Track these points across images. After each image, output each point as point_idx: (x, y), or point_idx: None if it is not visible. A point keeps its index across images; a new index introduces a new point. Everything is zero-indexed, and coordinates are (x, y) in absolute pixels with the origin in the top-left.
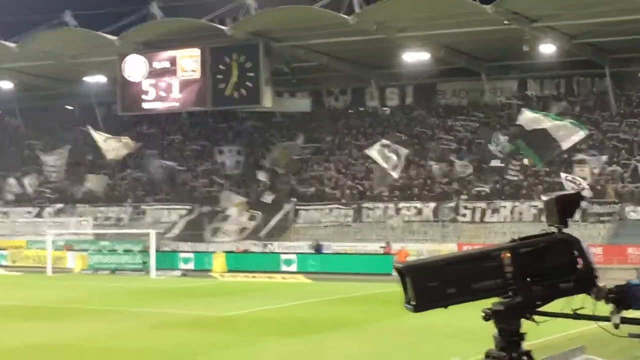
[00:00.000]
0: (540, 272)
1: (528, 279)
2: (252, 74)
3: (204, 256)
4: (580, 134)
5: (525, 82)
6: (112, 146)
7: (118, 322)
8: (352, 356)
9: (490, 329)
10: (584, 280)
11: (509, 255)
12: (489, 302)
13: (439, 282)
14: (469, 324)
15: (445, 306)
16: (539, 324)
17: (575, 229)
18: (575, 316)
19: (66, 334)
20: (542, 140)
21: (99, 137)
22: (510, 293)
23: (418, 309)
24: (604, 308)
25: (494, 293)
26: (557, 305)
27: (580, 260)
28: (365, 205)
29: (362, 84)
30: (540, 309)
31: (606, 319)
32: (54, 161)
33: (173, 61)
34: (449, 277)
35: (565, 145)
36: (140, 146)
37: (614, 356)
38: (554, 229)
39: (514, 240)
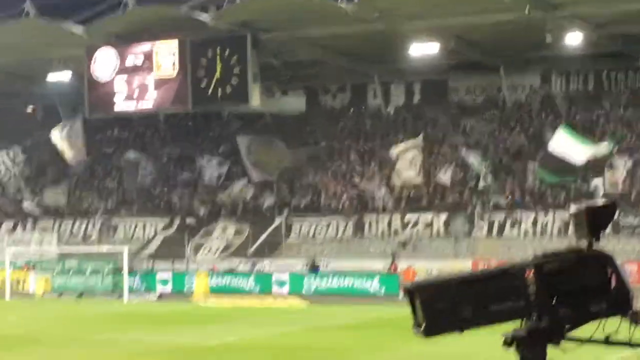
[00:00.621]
0: (568, 293)
1: (554, 300)
2: (238, 70)
3: (184, 277)
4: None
5: (549, 77)
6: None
7: (86, 352)
8: None
9: (512, 357)
10: (618, 301)
11: (532, 273)
12: (509, 327)
13: (452, 303)
14: (487, 352)
15: (460, 331)
16: (566, 352)
17: (606, 243)
18: (609, 342)
19: None
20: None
21: (56, 135)
22: (534, 316)
23: (428, 333)
24: None
25: (515, 316)
26: (588, 330)
27: (613, 280)
28: (368, 217)
29: (363, 81)
30: (569, 334)
31: None
32: (11, 169)
33: (148, 56)
34: (464, 297)
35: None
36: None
37: None
38: (583, 244)
39: (537, 256)
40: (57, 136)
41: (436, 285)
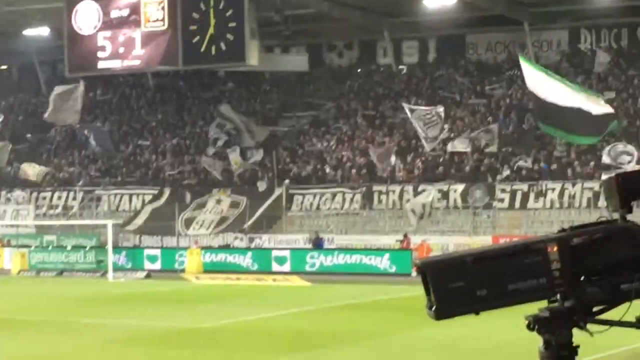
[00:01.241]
0: (596, 270)
1: (581, 278)
2: (234, 24)
3: (174, 253)
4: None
5: (578, 32)
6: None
7: (68, 337)
8: None
9: (536, 341)
10: None
11: (556, 248)
12: (533, 308)
13: (466, 282)
14: (507, 336)
15: (476, 312)
16: (593, 335)
17: None
18: (638, 325)
19: (2, 352)
20: (569, 114)
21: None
22: (558, 296)
23: (440, 315)
24: None
25: (537, 295)
26: (618, 311)
27: None
28: (377, 188)
29: (373, 37)
30: (598, 316)
31: None
32: None
33: (135, 8)
34: (479, 276)
35: (599, 111)
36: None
37: None
38: (615, 216)
39: (563, 230)
40: (57, 97)
41: (448, 263)
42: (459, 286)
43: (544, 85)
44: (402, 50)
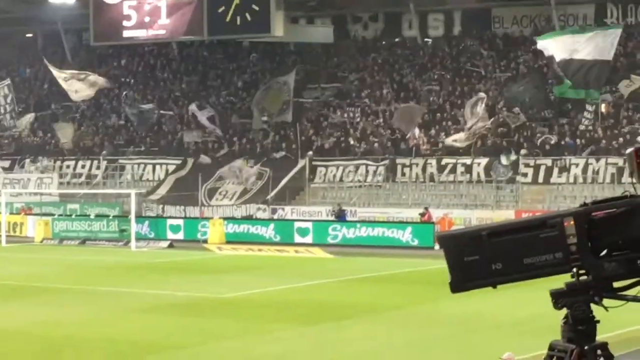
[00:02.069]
0: (614, 245)
1: (601, 253)
2: None
3: (197, 223)
4: (617, 32)
5: (605, 6)
6: (75, 87)
7: (89, 305)
8: (379, 349)
9: (555, 316)
10: None
11: (572, 222)
12: (557, 284)
13: (481, 256)
14: (527, 310)
15: (493, 286)
16: (608, 310)
17: None
18: None
19: (24, 318)
20: (582, 68)
21: (59, 74)
22: (574, 270)
23: (455, 288)
24: None
25: (553, 270)
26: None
27: None
28: (401, 161)
29: (398, 9)
30: (619, 292)
31: None
32: (9, 102)
33: None
34: (495, 250)
35: (610, 53)
36: (112, 85)
37: None
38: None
39: (585, 205)
40: (59, 76)
41: (463, 236)
42: (474, 260)
43: (568, 44)
44: (427, 23)
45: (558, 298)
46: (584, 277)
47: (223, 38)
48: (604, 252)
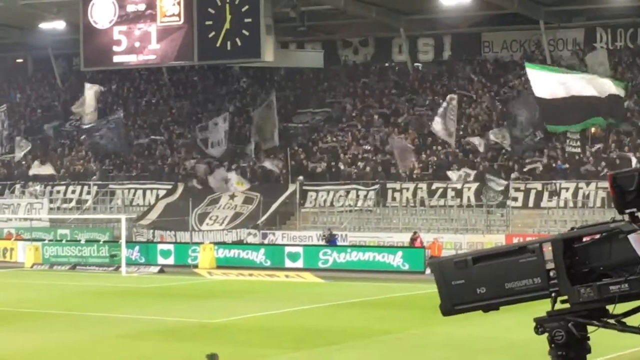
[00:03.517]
0: (595, 271)
1: (582, 279)
2: (249, 20)
3: (187, 248)
4: (617, 89)
5: (594, 30)
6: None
7: (78, 330)
8: None
9: (545, 341)
10: None
11: (550, 248)
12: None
13: (466, 280)
14: (519, 335)
15: (484, 309)
16: (579, 335)
17: None
18: (622, 328)
19: (13, 345)
20: (580, 102)
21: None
22: (553, 295)
23: (444, 312)
24: None
25: (533, 295)
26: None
27: None
28: (391, 185)
29: (388, 34)
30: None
31: None
32: (5, 127)
33: (151, 3)
34: (478, 275)
35: (604, 93)
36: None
37: None
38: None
39: (572, 229)
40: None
41: (450, 262)
42: (461, 284)
43: (554, 82)
44: (417, 47)
45: (539, 324)
46: (565, 303)
47: (213, 63)
48: (581, 277)
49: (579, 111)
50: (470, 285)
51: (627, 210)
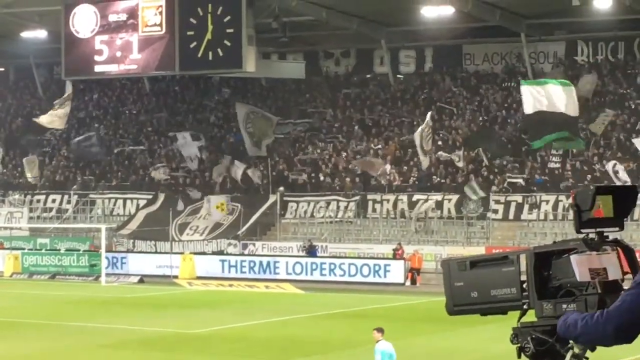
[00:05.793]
0: (563, 287)
1: (551, 294)
2: (231, 30)
3: (167, 258)
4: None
5: (575, 44)
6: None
7: (58, 340)
8: None
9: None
10: (587, 306)
11: (525, 260)
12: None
13: (464, 282)
14: (502, 346)
15: (479, 314)
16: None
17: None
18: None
19: None
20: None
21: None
22: (524, 307)
23: (448, 311)
24: None
25: (509, 305)
26: None
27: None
28: (372, 197)
29: (370, 45)
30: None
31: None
32: None
33: (133, 13)
34: (473, 278)
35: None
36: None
37: None
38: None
39: (554, 243)
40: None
41: (454, 263)
42: (460, 285)
43: (541, 96)
44: (399, 59)
45: (514, 334)
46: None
47: (195, 73)
48: (556, 293)
49: (553, 124)
50: (466, 288)
51: (583, 231)
